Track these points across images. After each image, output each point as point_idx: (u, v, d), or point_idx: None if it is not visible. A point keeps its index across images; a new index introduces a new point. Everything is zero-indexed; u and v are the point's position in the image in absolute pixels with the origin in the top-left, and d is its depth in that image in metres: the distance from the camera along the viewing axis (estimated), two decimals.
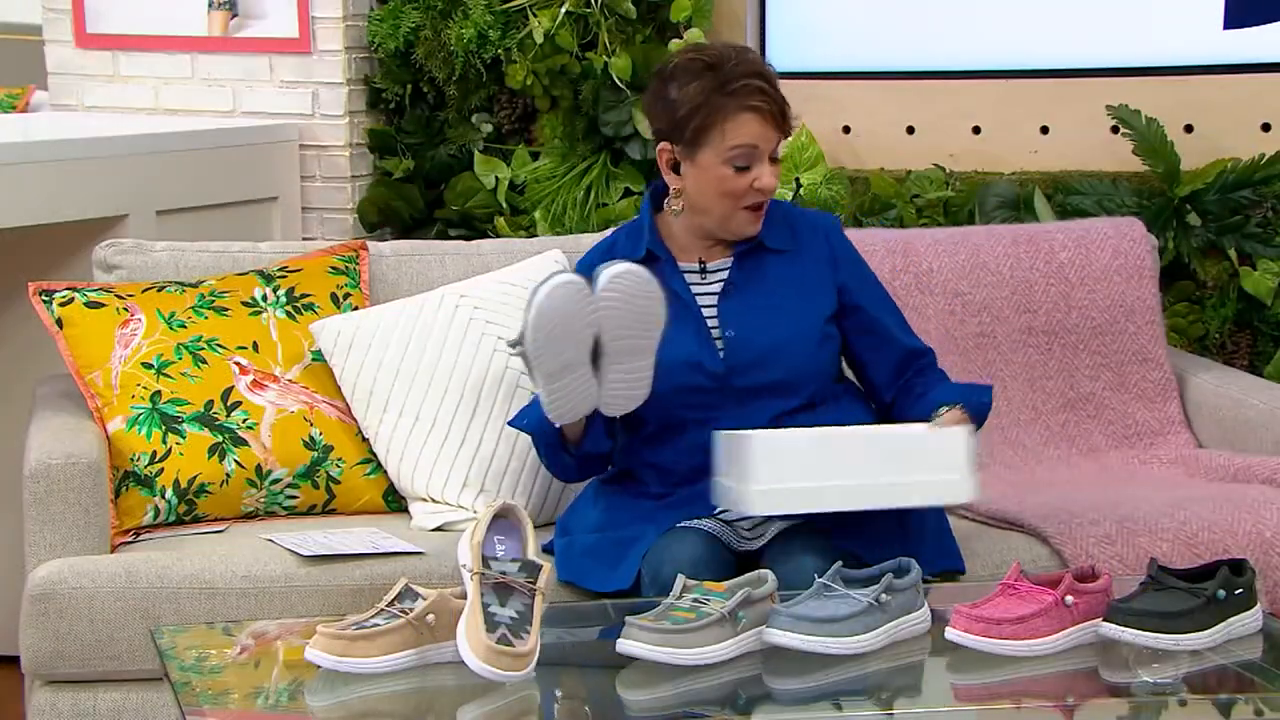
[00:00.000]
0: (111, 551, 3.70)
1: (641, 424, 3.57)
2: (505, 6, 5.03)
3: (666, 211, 3.62)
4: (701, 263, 3.60)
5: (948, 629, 3.06)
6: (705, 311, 3.57)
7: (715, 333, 3.56)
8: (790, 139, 3.66)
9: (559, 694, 3.06)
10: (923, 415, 3.48)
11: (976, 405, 3.53)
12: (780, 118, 3.49)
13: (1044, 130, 4.88)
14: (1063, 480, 4.14)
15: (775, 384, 3.53)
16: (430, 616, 2.96)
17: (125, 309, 3.96)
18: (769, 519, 3.49)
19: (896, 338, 3.65)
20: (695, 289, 3.59)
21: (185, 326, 3.96)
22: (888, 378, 3.65)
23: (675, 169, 3.55)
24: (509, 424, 3.71)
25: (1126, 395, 4.32)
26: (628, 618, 2.99)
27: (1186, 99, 4.74)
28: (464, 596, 3.00)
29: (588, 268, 3.53)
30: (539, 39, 4.97)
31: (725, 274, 3.59)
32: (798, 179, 4.88)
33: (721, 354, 3.54)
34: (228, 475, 3.85)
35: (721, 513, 3.52)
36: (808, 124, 4.92)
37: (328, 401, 3.97)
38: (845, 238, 3.68)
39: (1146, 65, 4.82)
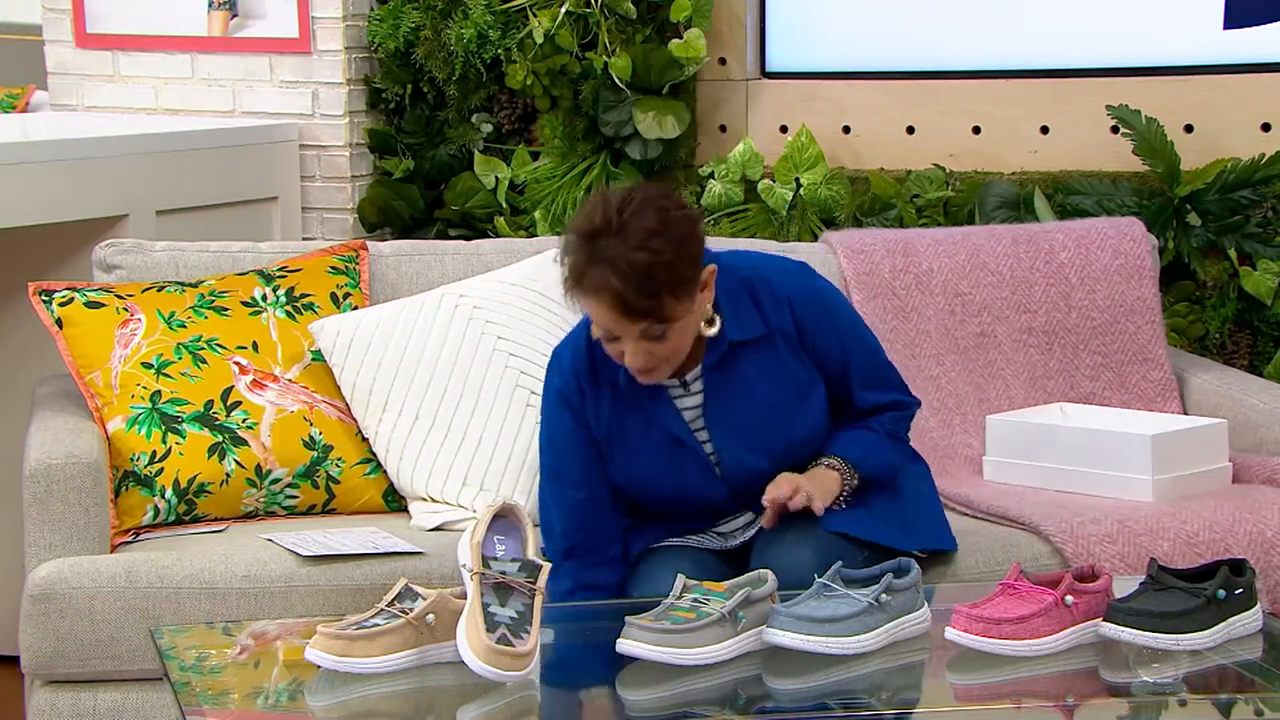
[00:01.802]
0: (111, 551, 3.70)
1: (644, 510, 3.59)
2: (505, 6, 5.03)
3: None
4: (681, 378, 3.48)
5: (948, 629, 3.05)
6: (693, 426, 3.49)
7: (708, 447, 3.49)
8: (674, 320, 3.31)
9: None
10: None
11: (872, 465, 3.51)
12: (634, 312, 3.25)
13: (1044, 130, 4.88)
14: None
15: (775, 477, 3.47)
16: (430, 616, 2.96)
17: (125, 309, 3.96)
18: (757, 514, 3.51)
19: (855, 400, 3.55)
20: (680, 403, 3.49)
21: (185, 326, 3.96)
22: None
23: None
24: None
25: (1126, 395, 4.32)
26: (628, 618, 2.98)
27: (1186, 99, 4.74)
28: (464, 596, 3.00)
29: (571, 378, 3.47)
30: (539, 39, 4.97)
31: (702, 383, 3.49)
32: (798, 179, 4.88)
33: (719, 474, 3.50)
34: (227, 475, 3.85)
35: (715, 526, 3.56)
36: (808, 124, 4.93)
37: (327, 401, 3.97)
38: (810, 294, 3.53)
39: (1146, 65, 4.82)
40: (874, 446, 3.52)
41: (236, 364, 3.94)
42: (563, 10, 4.97)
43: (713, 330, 3.43)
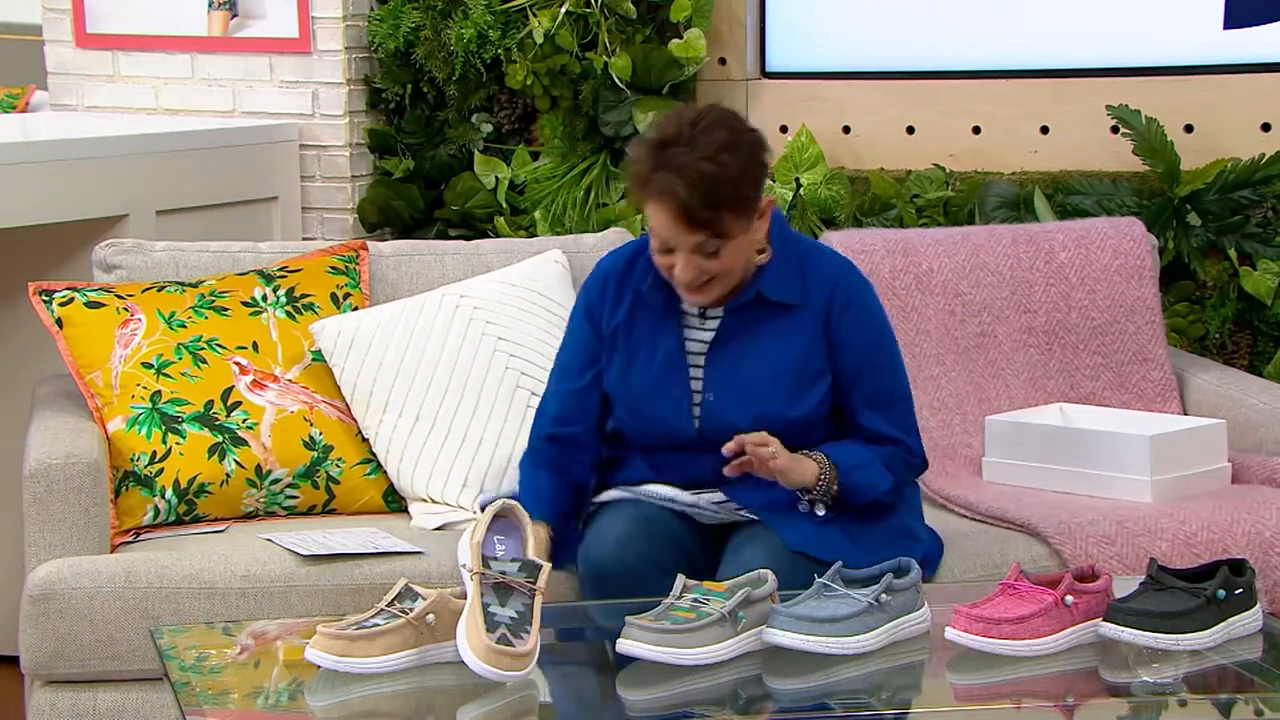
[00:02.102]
0: (111, 551, 3.70)
1: (622, 437, 3.61)
2: (505, 6, 5.03)
3: None
4: (702, 308, 3.53)
5: (948, 629, 3.06)
6: (692, 360, 3.52)
7: (696, 385, 3.51)
8: (742, 233, 3.40)
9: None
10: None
11: (857, 480, 3.47)
12: (694, 221, 3.33)
13: (1044, 130, 4.88)
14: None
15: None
16: (430, 616, 2.96)
17: (125, 309, 3.96)
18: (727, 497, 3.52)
19: (856, 416, 3.53)
20: (690, 334, 3.53)
21: (185, 326, 3.96)
22: None
23: None
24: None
25: (1126, 395, 4.32)
26: (628, 618, 2.99)
27: (1186, 99, 4.74)
28: (464, 596, 3.00)
29: (600, 278, 3.59)
30: (539, 39, 4.97)
31: (719, 322, 3.52)
32: (798, 179, 4.88)
33: (697, 418, 3.51)
34: (228, 475, 3.85)
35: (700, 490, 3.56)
36: (808, 124, 4.92)
37: (328, 401, 3.97)
38: (858, 293, 3.55)
39: (1146, 65, 4.82)
40: (865, 464, 3.48)
41: (237, 364, 3.94)
42: (563, 10, 4.97)
43: (764, 258, 3.48)
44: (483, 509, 3.49)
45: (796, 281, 3.51)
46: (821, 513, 3.46)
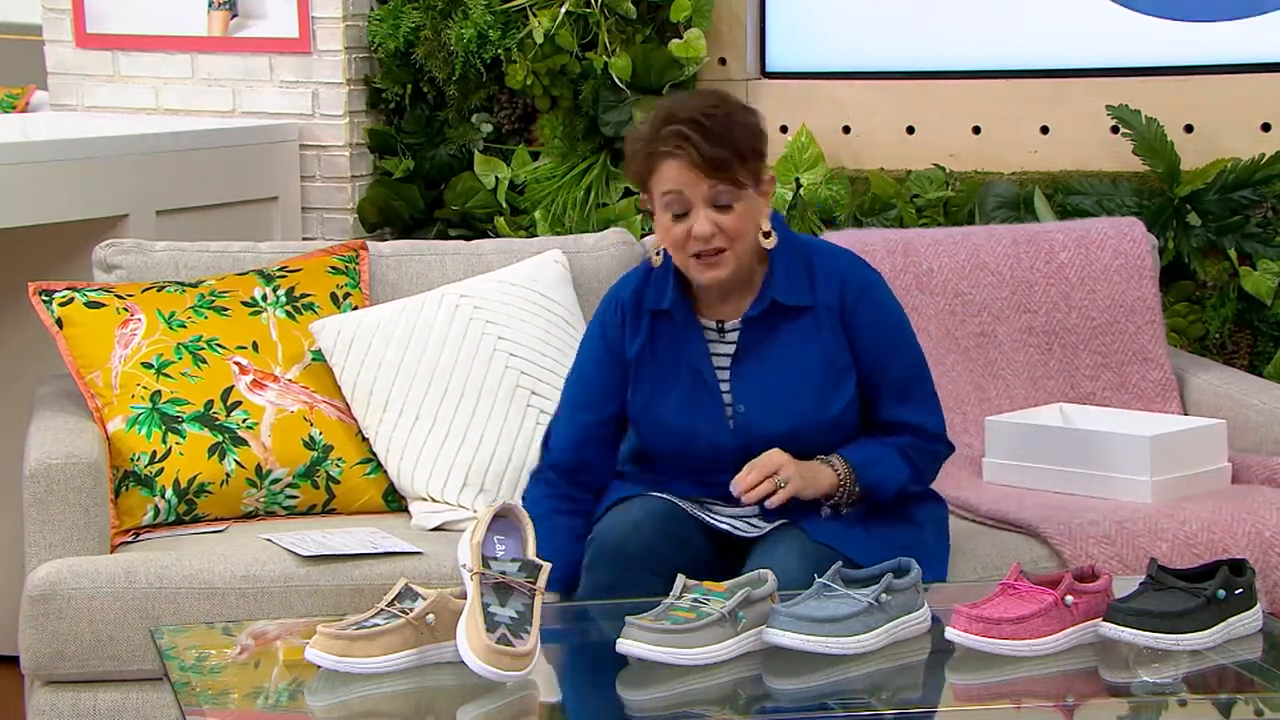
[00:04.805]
0: (111, 551, 3.70)
1: (652, 460, 3.60)
2: (505, 6, 5.03)
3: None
4: (719, 322, 3.52)
5: (948, 629, 3.05)
6: (719, 375, 3.51)
7: (728, 399, 3.50)
8: (756, 186, 3.44)
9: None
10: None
11: (875, 475, 3.48)
12: (707, 164, 3.36)
13: (1044, 130, 4.88)
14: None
15: (789, 450, 3.45)
16: (430, 616, 2.96)
17: (125, 309, 3.96)
18: (763, 511, 3.50)
19: (879, 407, 3.53)
20: (713, 348, 3.52)
21: (185, 326, 3.96)
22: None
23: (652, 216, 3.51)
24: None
25: (1126, 395, 4.32)
26: (628, 618, 2.99)
27: (1186, 99, 4.74)
28: (464, 596, 3.00)
29: (614, 307, 3.56)
30: (539, 39, 4.97)
31: (738, 334, 3.51)
32: (798, 179, 4.88)
33: (732, 427, 3.49)
34: (228, 475, 3.85)
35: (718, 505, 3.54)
36: (808, 124, 4.93)
37: (328, 401, 3.97)
38: (867, 285, 3.54)
39: (1146, 65, 4.82)
40: (882, 458, 3.49)
41: (236, 364, 3.94)
42: (563, 10, 4.97)
43: (770, 243, 3.48)
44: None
45: (805, 282, 3.50)
46: (844, 513, 3.47)
